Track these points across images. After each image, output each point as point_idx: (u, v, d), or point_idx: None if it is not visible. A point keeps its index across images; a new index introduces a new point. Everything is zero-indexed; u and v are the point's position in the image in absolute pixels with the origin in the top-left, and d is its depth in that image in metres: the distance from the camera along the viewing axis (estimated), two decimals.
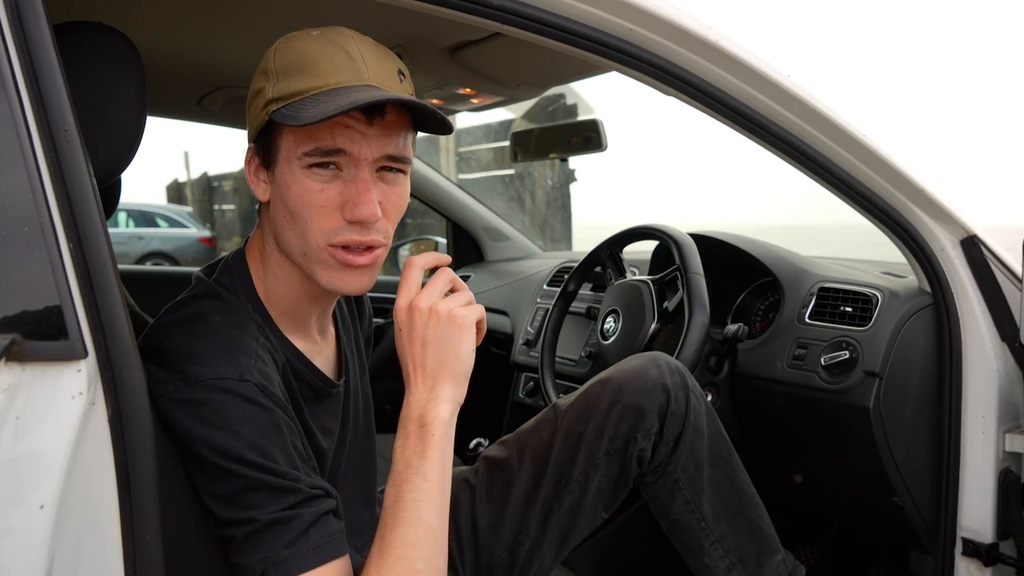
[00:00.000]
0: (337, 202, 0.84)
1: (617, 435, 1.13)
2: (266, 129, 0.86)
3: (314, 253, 0.85)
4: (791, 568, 1.22)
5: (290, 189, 0.84)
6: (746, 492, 1.20)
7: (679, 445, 1.15)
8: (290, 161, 0.84)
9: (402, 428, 0.88)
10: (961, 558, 1.33)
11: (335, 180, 0.84)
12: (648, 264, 1.87)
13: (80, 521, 0.63)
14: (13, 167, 0.63)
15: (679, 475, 1.15)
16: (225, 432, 0.77)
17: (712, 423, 1.18)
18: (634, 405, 1.12)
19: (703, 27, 1.02)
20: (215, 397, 0.78)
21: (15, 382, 0.60)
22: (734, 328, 1.53)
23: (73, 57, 0.75)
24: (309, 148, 0.82)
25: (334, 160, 0.83)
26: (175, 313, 0.88)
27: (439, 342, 0.88)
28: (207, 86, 1.69)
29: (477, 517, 1.16)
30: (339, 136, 0.82)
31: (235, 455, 0.77)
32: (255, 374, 0.81)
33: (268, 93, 0.84)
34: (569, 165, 5.24)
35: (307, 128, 0.81)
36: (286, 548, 0.78)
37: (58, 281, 0.63)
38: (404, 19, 1.26)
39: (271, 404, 0.81)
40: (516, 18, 0.92)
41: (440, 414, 0.88)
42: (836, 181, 1.19)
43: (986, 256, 1.29)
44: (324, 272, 0.86)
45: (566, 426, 1.16)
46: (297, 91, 0.82)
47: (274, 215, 0.88)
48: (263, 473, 0.78)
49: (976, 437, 1.29)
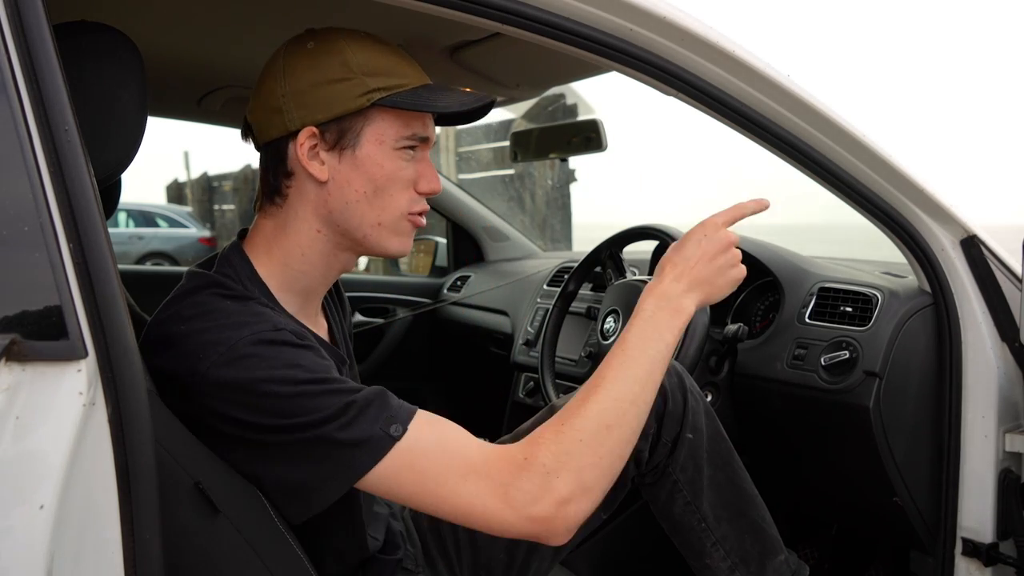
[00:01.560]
0: (414, 178, 0.96)
1: None
2: (351, 114, 0.92)
3: (393, 223, 0.96)
4: (794, 568, 1.22)
5: (382, 167, 0.93)
6: (747, 492, 1.20)
7: (677, 446, 1.14)
8: (382, 143, 0.93)
9: (642, 311, 0.96)
10: (961, 558, 1.33)
11: (412, 161, 0.96)
12: (648, 264, 1.87)
13: (80, 521, 0.63)
14: (13, 167, 0.63)
15: (678, 476, 1.15)
16: (284, 367, 0.81)
17: (711, 423, 1.18)
18: None
19: (703, 27, 1.02)
20: (260, 348, 0.82)
21: (15, 382, 0.60)
22: (734, 328, 1.53)
23: (73, 57, 0.75)
24: (408, 133, 0.94)
25: (417, 144, 0.96)
26: (179, 303, 0.89)
27: (717, 269, 0.98)
28: (207, 86, 1.69)
29: None
30: (428, 126, 0.97)
31: (302, 378, 0.81)
32: (285, 324, 0.87)
33: (369, 84, 0.91)
34: (569, 165, 5.25)
35: (404, 117, 0.94)
36: (394, 402, 0.84)
37: (58, 281, 0.63)
38: (404, 19, 1.26)
39: (310, 343, 0.87)
40: (516, 18, 0.93)
41: (687, 307, 0.97)
42: (836, 181, 1.19)
43: (986, 256, 1.29)
44: (395, 239, 0.97)
45: None
46: (399, 84, 0.93)
47: (341, 192, 0.94)
48: (333, 384, 0.83)
49: (976, 437, 1.29)
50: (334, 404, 0.82)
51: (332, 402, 0.82)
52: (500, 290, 2.36)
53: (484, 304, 2.39)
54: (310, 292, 1.00)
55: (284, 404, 0.81)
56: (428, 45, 1.39)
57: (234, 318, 0.85)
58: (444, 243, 2.77)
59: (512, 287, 2.32)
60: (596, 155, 1.97)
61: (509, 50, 1.38)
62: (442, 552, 1.16)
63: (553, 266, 2.19)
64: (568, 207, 6.72)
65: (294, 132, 0.92)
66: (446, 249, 2.76)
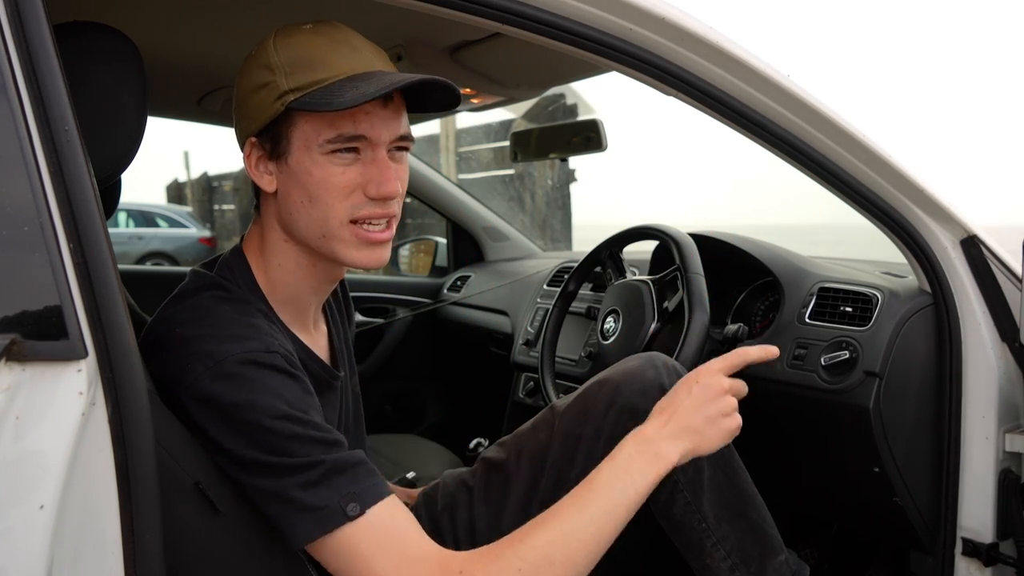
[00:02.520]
0: (358, 182, 0.89)
1: (614, 436, 1.11)
2: (275, 121, 0.88)
3: (336, 232, 0.89)
4: (795, 568, 1.21)
5: (311, 175, 0.87)
6: (747, 492, 1.19)
7: None
8: (309, 149, 0.87)
9: (620, 452, 0.94)
10: (961, 558, 1.33)
11: (355, 163, 0.89)
12: (648, 264, 1.87)
13: (80, 521, 0.63)
14: (13, 167, 0.63)
15: (678, 476, 1.15)
16: (266, 395, 0.81)
17: None
18: (631, 406, 1.12)
19: (703, 27, 1.02)
20: (248, 369, 0.81)
21: (15, 382, 0.60)
22: (734, 328, 1.53)
23: (73, 57, 0.75)
24: (331, 135, 0.86)
25: (356, 145, 0.88)
26: (179, 304, 0.90)
27: (707, 418, 0.96)
28: (207, 86, 1.69)
29: (475, 519, 1.16)
30: (361, 122, 0.87)
31: (281, 412, 0.80)
32: (278, 346, 0.85)
33: (282, 85, 0.86)
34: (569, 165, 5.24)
35: (328, 116, 0.85)
36: (365, 479, 0.83)
37: (58, 281, 0.63)
38: (404, 19, 1.26)
39: (298, 372, 0.85)
40: (516, 18, 0.93)
41: (669, 455, 0.94)
42: (836, 181, 1.19)
43: (986, 256, 1.29)
44: (346, 250, 0.90)
45: (564, 427, 1.16)
46: (314, 80, 0.85)
47: (286, 203, 0.91)
48: (309, 428, 0.82)
49: (976, 437, 1.29)
50: (303, 455, 0.81)
51: (302, 451, 0.81)
52: (500, 290, 2.36)
53: (484, 304, 2.38)
54: (300, 302, 0.98)
55: (257, 435, 0.80)
56: (428, 45, 1.39)
57: (230, 329, 0.85)
58: (444, 243, 2.77)
59: (512, 287, 2.31)
60: (596, 155, 1.97)
61: (509, 50, 1.38)
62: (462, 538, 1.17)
63: (553, 266, 2.19)
64: (568, 207, 6.72)
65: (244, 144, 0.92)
66: (446, 249, 2.76)
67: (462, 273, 2.62)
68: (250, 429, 0.80)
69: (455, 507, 1.18)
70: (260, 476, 0.81)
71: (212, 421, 0.81)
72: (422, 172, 2.48)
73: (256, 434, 0.80)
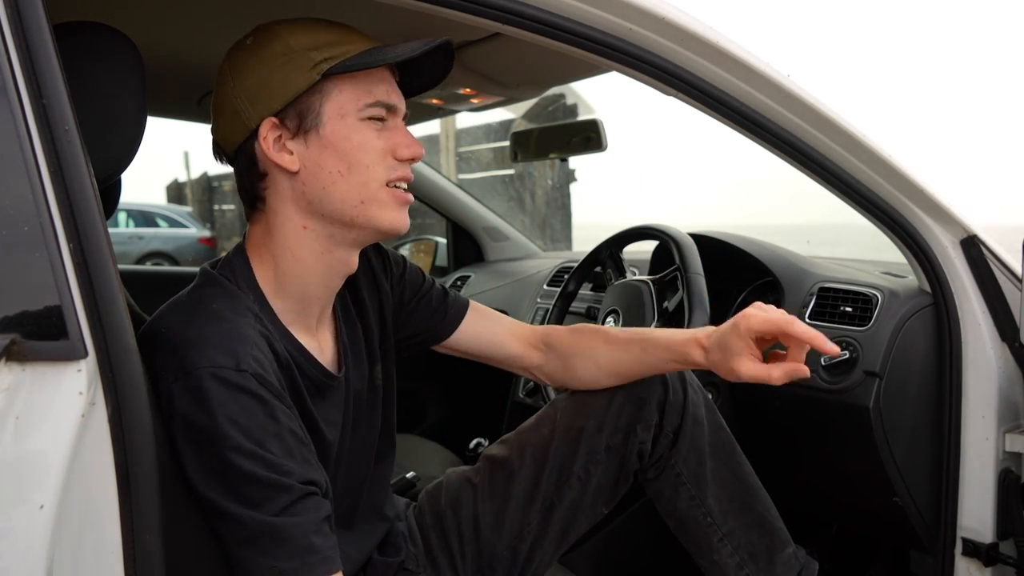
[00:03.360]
0: (389, 147, 0.93)
1: (617, 428, 1.13)
2: (300, 96, 0.89)
3: (375, 195, 0.92)
4: (803, 562, 1.21)
5: (350, 140, 0.90)
6: (752, 486, 1.19)
7: (679, 437, 1.14)
8: (345, 116, 0.90)
9: None
10: (961, 558, 1.33)
11: (384, 129, 0.93)
12: (648, 264, 1.87)
13: (80, 521, 0.63)
14: (13, 167, 0.63)
15: (681, 468, 1.15)
16: (223, 422, 0.79)
17: (712, 416, 1.18)
18: (632, 397, 1.13)
19: (703, 27, 1.02)
20: (212, 386, 0.79)
21: (15, 382, 0.60)
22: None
23: (73, 57, 0.75)
24: (371, 100, 0.91)
25: (385, 113, 0.93)
26: (177, 299, 0.91)
27: None
28: (207, 86, 1.68)
29: (479, 516, 1.16)
30: (392, 93, 0.93)
31: (232, 444, 0.78)
32: (251, 362, 0.82)
33: (314, 57, 0.88)
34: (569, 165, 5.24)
35: (364, 83, 0.90)
36: (291, 558, 0.80)
37: (58, 281, 0.63)
38: (404, 19, 1.26)
39: (267, 393, 0.82)
40: (516, 18, 0.93)
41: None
42: (836, 181, 1.19)
43: (986, 256, 1.29)
44: (385, 213, 0.93)
45: (565, 421, 1.16)
46: (345, 51, 0.89)
47: (316, 178, 0.91)
48: (258, 466, 0.79)
49: (976, 437, 1.29)
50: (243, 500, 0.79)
51: (250, 496, 0.79)
52: (500, 290, 2.35)
53: (484, 304, 2.38)
54: (308, 298, 0.96)
55: (207, 461, 0.79)
56: None
57: (209, 331, 0.83)
58: (444, 243, 2.76)
59: (512, 287, 2.31)
60: (596, 155, 1.97)
61: (509, 50, 1.38)
62: (445, 550, 1.17)
63: (553, 266, 2.19)
64: (568, 207, 6.72)
65: (255, 129, 0.90)
66: (446, 249, 2.76)
67: (462, 273, 2.62)
68: (202, 453, 0.79)
69: (459, 505, 1.18)
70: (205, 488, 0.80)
71: (175, 431, 0.80)
72: (422, 172, 2.48)
73: (207, 460, 0.79)
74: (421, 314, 1.19)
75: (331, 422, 0.99)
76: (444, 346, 1.23)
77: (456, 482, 1.23)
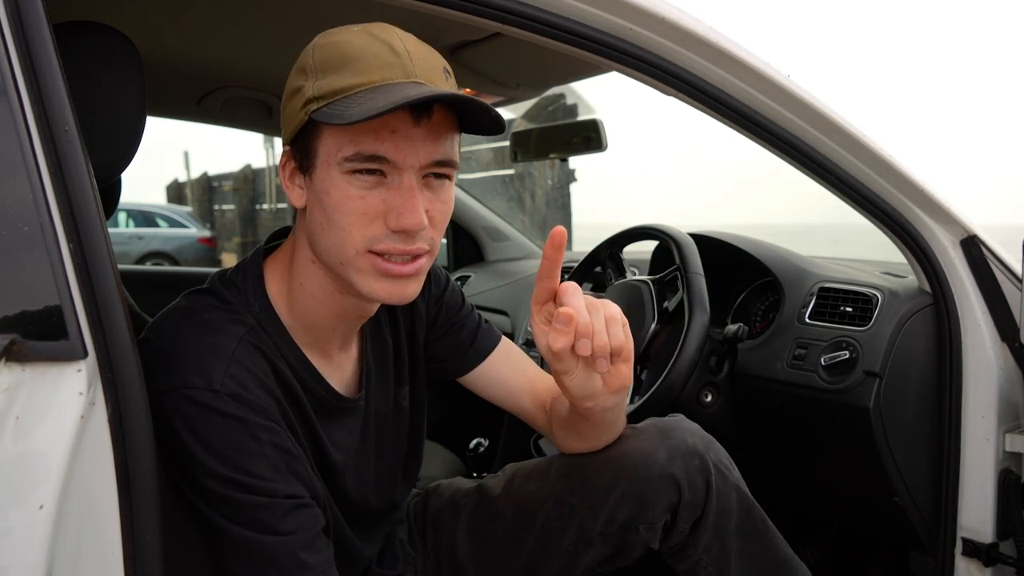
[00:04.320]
0: (380, 209, 0.79)
1: (614, 520, 1.01)
2: (304, 131, 0.80)
3: (352, 261, 0.80)
4: None
5: (329, 195, 0.78)
6: (782, 558, 1.07)
7: (699, 529, 1.02)
8: (329, 166, 0.78)
9: None
10: (961, 558, 1.33)
11: (378, 187, 0.79)
12: (648, 264, 1.87)
13: (80, 521, 0.63)
14: (13, 167, 0.63)
15: (701, 556, 1.03)
16: (198, 448, 0.77)
17: (743, 498, 1.04)
18: (635, 494, 1.00)
19: (703, 27, 1.02)
20: (185, 409, 0.77)
21: (15, 382, 0.60)
22: (734, 328, 1.53)
23: (73, 57, 0.75)
24: (350, 153, 0.77)
25: (378, 167, 0.78)
26: (173, 306, 0.87)
27: None
28: (207, 86, 1.69)
29: (457, 543, 1.13)
30: (385, 141, 0.77)
31: (206, 470, 0.77)
32: (226, 381, 0.78)
33: (308, 92, 0.78)
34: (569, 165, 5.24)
35: (350, 131, 0.76)
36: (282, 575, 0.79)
37: (58, 281, 0.63)
38: (404, 19, 1.26)
39: (245, 412, 0.78)
40: (516, 18, 0.92)
41: None
42: (836, 181, 1.19)
43: (986, 256, 1.29)
44: (364, 280, 0.81)
45: (557, 490, 1.06)
46: (339, 88, 0.77)
47: (311, 222, 0.82)
48: (237, 490, 0.78)
49: (976, 437, 1.29)
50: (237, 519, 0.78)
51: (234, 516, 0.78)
52: (500, 290, 2.35)
53: (484, 304, 2.38)
54: (319, 328, 0.89)
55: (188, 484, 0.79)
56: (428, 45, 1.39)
57: (187, 346, 0.80)
58: (444, 243, 2.76)
59: (512, 287, 2.31)
60: (596, 155, 1.97)
61: (509, 50, 1.38)
62: (434, 559, 1.15)
63: None
64: (568, 207, 6.72)
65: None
66: (446, 249, 2.76)
67: (462, 273, 2.62)
68: (184, 474, 0.79)
69: (440, 526, 1.15)
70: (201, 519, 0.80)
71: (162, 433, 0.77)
72: None
73: (189, 482, 0.79)
74: (448, 343, 1.09)
75: (339, 446, 0.95)
76: (462, 382, 1.13)
77: (445, 496, 1.19)
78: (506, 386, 1.10)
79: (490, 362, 1.10)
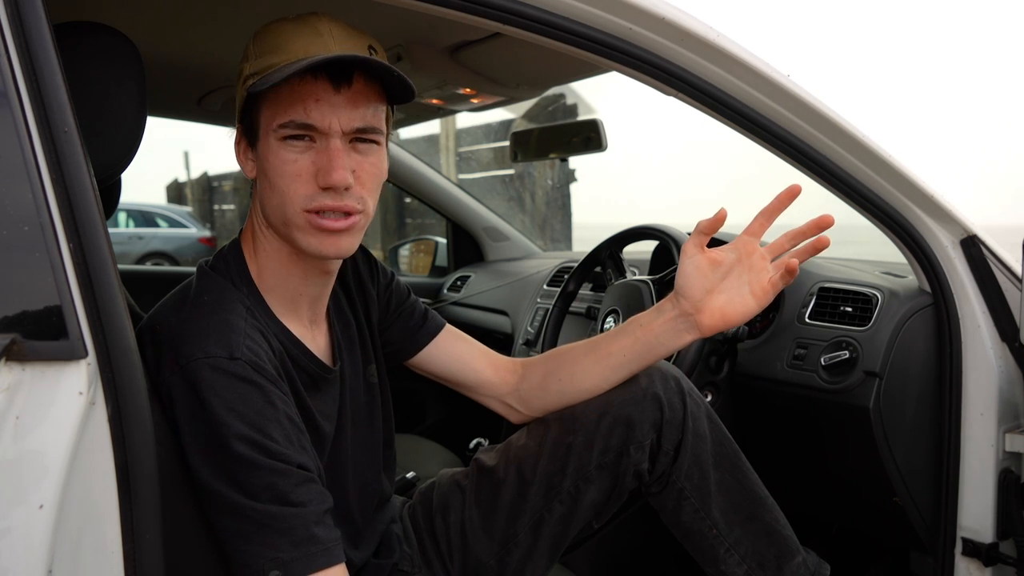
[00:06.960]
0: (311, 171, 0.88)
1: (608, 448, 1.10)
2: (247, 107, 0.91)
3: (292, 219, 0.90)
4: (813, 568, 1.18)
5: (268, 161, 0.89)
6: (758, 494, 1.17)
7: (680, 453, 1.11)
8: (268, 136, 0.89)
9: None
10: (961, 558, 1.33)
11: (309, 151, 0.89)
12: (648, 264, 1.87)
13: (80, 521, 0.63)
14: (13, 168, 0.63)
15: (684, 484, 1.12)
16: (222, 410, 0.80)
17: (715, 427, 1.15)
18: (624, 417, 1.09)
19: (703, 27, 1.02)
20: (208, 376, 0.81)
21: (15, 382, 0.60)
22: (734, 328, 1.53)
23: (73, 57, 0.75)
24: (284, 120, 0.87)
25: (307, 132, 0.88)
26: (170, 297, 0.93)
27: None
28: (207, 86, 1.69)
29: (466, 521, 1.15)
30: (311, 110, 0.87)
31: (233, 432, 0.80)
32: (244, 351, 0.84)
33: (246, 71, 0.91)
34: (569, 165, 5.24)
35: (282, 102, 0.87)
36: (300, 546, 0.81)
37: (58, 281, 0.63)
38: (404, 19, 1.26)
39: (263, 380, 0.84)
40: (516, 18, 0.93)
41: None
42: (836, 181, 1.19)
43: (986, 256, 1.29)
44: (304, 237, 0.90)
45: (553, 435, 1.13)
46: (269, 64, 0.88)
47: (260, 190, 0.93)
48: (259, 452, 0.81)
49: (976, 437, 1.29)
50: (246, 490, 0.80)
51: (253, 484, 0.80)
52: (500, 290, 2.36)
53: (484, 304, 2.38)
54: (290, 292, 0.97)
55: (210, 452, 0.81)
56: (428, 45, 1.39)
57: (201, 325, 0.85)
58: (444, 243, 2.76)
59: (512, 287, 2.31)
60: (596, 155, 1.97)
61: (509, 50, 1.38)
62: (437, 553, 1.16)
63: (553, 266, 2.19)
64: (568, 207, 6.72)
65: None
66: (446, 249, 2.76)
67: (462, 273, 2.62)
68: (205, 443, 0.81)
69: (448, 509, 1.17)
70: (209, 502, 0.82)
71: (179, 423, 0.82)
72: (422, 172, 2.48)
73: (210, 450, 0.81)
74: (401, 325, 1.20)
75: (326, 415, 1.00)
76: (415, 363, 1.22)
77: (446, 485, 1.22)
78: (462, 358, 1.21)
79: (441, 339, 1.21)
